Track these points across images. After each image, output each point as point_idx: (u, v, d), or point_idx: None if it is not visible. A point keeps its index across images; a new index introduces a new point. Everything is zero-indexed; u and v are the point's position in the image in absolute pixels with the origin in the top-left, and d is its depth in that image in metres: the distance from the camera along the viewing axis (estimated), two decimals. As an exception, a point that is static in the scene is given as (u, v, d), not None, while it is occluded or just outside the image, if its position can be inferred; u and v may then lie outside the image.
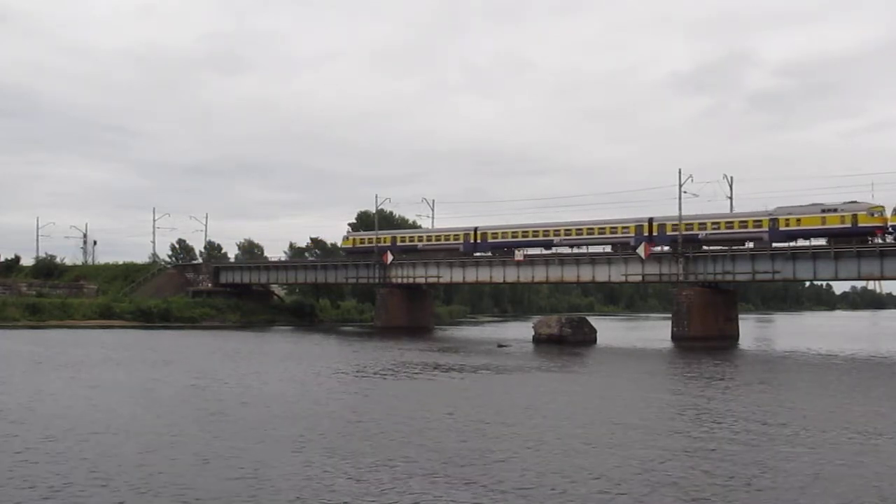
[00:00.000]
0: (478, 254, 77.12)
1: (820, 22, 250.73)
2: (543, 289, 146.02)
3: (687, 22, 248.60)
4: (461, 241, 77.92)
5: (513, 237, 75.29)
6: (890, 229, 57.38)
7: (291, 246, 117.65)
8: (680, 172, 65.76)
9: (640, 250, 66.62)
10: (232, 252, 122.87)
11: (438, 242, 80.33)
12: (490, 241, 76.16)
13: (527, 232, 74.54)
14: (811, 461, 16.61)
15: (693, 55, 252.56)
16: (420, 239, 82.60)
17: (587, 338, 59.59)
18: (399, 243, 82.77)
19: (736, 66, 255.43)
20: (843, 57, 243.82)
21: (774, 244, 62.18)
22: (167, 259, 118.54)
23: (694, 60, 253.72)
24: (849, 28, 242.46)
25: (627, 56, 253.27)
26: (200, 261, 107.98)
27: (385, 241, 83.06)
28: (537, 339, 59.10)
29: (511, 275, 75.90)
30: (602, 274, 71.18)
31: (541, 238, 73.54)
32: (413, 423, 21.12)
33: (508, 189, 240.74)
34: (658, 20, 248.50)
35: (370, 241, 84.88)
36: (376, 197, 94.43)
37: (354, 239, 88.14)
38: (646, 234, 67.27)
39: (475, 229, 77.24)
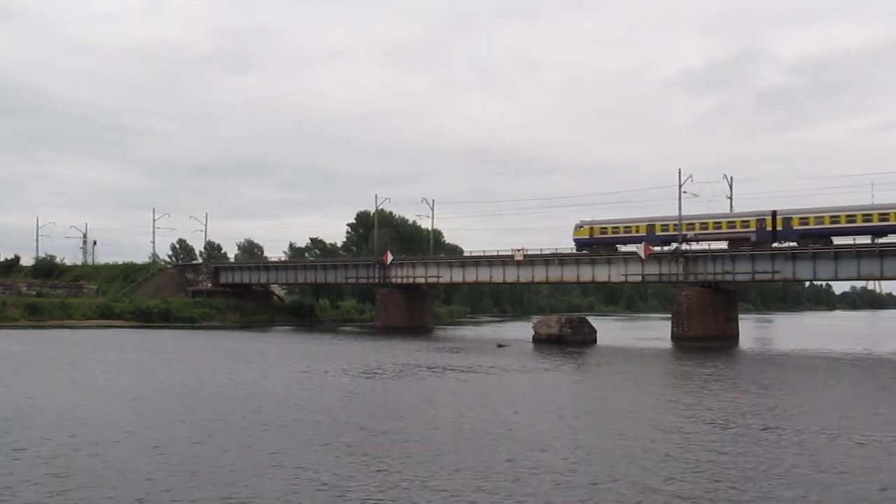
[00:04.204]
0: (776, 245, 62.95)
1: (834, 19, 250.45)
2: (543, 289, 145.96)
3: (700, 19, 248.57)
4: (752, 227, 63.35)
5: (832, 222, 60.12)
6: None
7: (291, 246, 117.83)
8: (680, 172, 65.82)
9: (640, 250, 66.61)
10: (232, 252, 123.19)
11: (718, 230, 65.08)
12: (797, 227, 61.35)
13: (853, 216, 59.10)
14: (813, 461, 16.60)
15: (705, 52, 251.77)
16: (691, 226, 66.08)
17: (587, 338, 59.58)
18: (659, 232, 67.27)
19: (748, 64, 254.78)
20: (855, 54, 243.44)
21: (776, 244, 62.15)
22: (167, 259, 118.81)
23: (705, 58, 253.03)
24: (862, 25, 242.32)
25: (639, 53, 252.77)
26: (200, 261, 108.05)
27: (638, 230, 68.46)
28: (537, 339, 59.09)
29: (511, 275, 75.89)
30: (602, 274, 71.14)
31: (875, 223, 58.17)
32: (417, 424, 21.12)
33: (516, 188, 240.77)
34: (671, 17, 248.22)
35: (614, 229, 70.07)
36: (376, 197, 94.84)
37: (593, 228, 71.49)
38: None
39: (773, 213, 62.92)
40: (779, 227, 62.23)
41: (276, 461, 16.08)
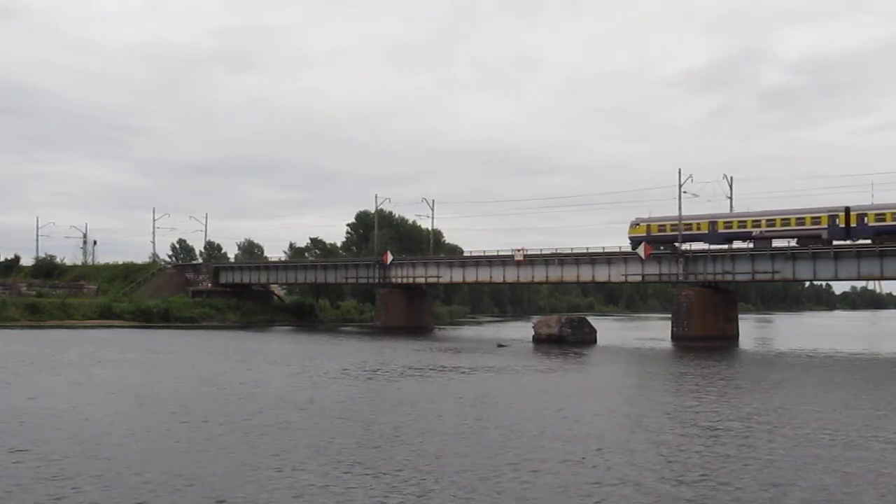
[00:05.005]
0: (839, 242, 59.79)
1: (835, 19, 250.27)
2: (543, 289, 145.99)
3: (701, 19, 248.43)
4: (824, 224, 59.87)
5: None
6: None
7: (291, 246, 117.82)
8: (680, 172, 65.86)
9: (640, 250, 66.59)
10: (232, 252, 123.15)
11: (786, 227, 61.82)
12: (873, 224, 57.71)
13: None
14: (815, 461, 16.61)
15: (706, 52, 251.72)
16: (756, 223, 62.82)
17: (587, 338, 59.60)
18: (722, 229, 64.39)
19: (749, 64, 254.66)
20: (856, 54, 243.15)
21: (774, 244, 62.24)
22: (167, 259, 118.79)
23: (706, 58, 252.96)
24: (863, 25, 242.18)
25: (639, 53, 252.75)
26: (200, 261, 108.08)
27: (700, 228, 65.30)
28: (537, 339, 59.11)
29: (511, 275, 75.89)
30: (602, 274, 71.16)
31: None
32: (421, 425, 21.12)
33: (517, 188, 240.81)
34: (671, 17, 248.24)
35: (673, 227, 66.44)
36: (376, 197, 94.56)
37: (650, 225, 67.89)
38: None
39: (847, 209, 59.11)
40: (852, 224, 58.73)
41: (278, 463, 16.05)
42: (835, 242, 59.91)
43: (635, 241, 68.56)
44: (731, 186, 69.55)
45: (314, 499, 13.48)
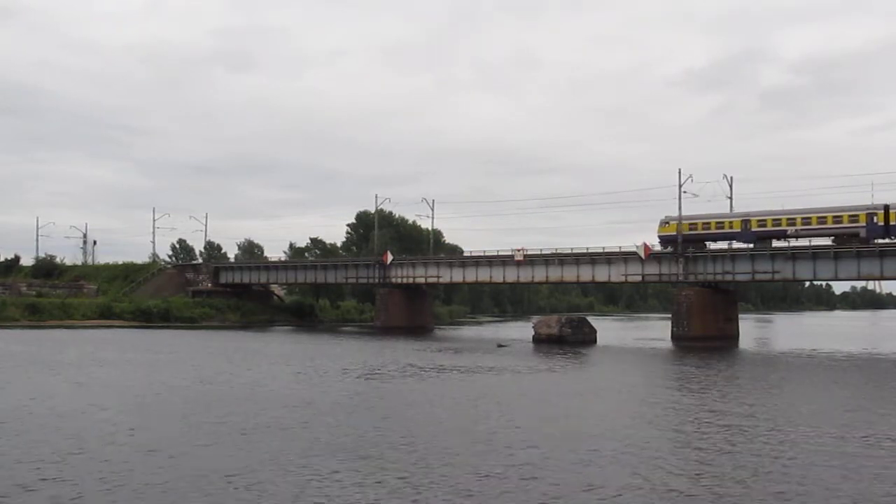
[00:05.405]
0: (879, 241, 57.86)
1: (835, 18, 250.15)
2: (543, 289, 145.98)
3: (703, 18, 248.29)
4: (862, 222, 57.93)
5: None
6: None
7: (291, 246, 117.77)
8: (680, 172, 65.84)
9: (640, 250, 66.58)
10: (232, 252, 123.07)
11: (823, 226, 59.96)
12: None
13: None
14: (815, 462, 16.61)
15: (706, 52, 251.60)
16: (791, 222, 60.86)
17: (587, 338, 59.59)
18: (755, 228, 62.38)
19: (749, 64, 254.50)
20: (856, 54, 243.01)
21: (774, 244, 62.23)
22: (167, 259, 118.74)
23: (708, 58, 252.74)
24: (863, 25, 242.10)
25: (639, 53, 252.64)
26: (200, 261, 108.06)
27: (732, 226, 63.61)
28: (537, 339, 59.11)
29: (511, 275, 75.88)
30: (602, 274, 71.14)
31: None
32: (423, 426, 21.10)
33: (517, 188, 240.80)
34: (674, 16, 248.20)
35: (705, 225, 64.81)
36: (376, 197, 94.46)
37: (681, 223, 66.17)
38: None
39: (886, 207, 57.11)
40: (892, 222, 57.05)
41: (279, 465, 16.03)
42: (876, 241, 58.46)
43: (665, 240, 66.96)
44: (731, 186, 69.59)
45: (314, 499, 13.46)
